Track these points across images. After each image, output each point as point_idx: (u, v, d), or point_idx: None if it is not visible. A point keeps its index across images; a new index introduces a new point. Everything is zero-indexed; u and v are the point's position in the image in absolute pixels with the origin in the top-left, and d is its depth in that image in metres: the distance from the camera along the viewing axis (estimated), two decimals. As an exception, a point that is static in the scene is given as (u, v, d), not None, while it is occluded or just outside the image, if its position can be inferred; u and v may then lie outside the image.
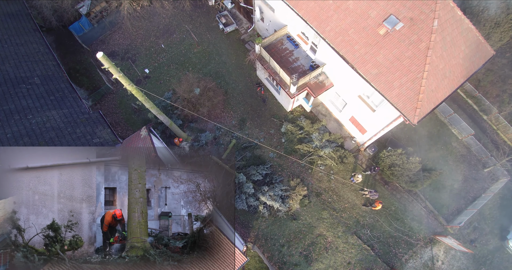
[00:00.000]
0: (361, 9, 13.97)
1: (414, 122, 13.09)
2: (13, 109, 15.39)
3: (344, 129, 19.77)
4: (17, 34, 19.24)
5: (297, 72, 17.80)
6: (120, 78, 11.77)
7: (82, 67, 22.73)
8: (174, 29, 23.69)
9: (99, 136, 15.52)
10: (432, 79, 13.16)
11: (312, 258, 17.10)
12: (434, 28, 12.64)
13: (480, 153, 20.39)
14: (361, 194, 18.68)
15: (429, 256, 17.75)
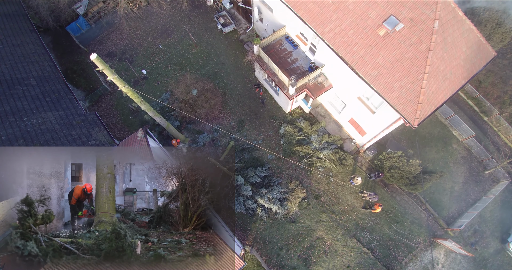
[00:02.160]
0: (360, 9, 13.77)
1: (414, 125, 12.89)
2: (8, 111, 15.18)
3: (343, 130, 19.58)
4: (13, 34, 19.04)
5: (296, 73, 17.60)
6: (115, 80, 11.57)
7: (79, 67, 22.54)
8: (172, 30, 23.48)
9: (95, 138, 15.29)
10: (432, 81, 12.96)
11: (311, 261, 16.92)
12: (435, 29, 12.44)
13: (481, 155, 20.19)
14: (360, 197, 18.49)
15: (429, 259, 17.57)
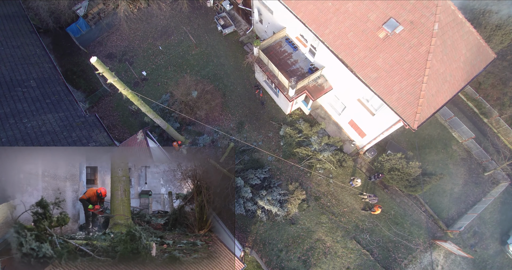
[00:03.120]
0: (360, 12, 13.77)
1: (414, 127, 12.90)
2: (8, 113, 15.20)
3: (343, 132, 19.58)
4: (13, 36, 19.04)
5: (296, 75, 17.61)
6: (115, 82, 11.58)
7: (79, 69, 22.55)
8: (172, 31, 23.49)
9: (95, 140, 15.32)
10: (432, 83, 12.97)
11: (310, 263, 16.93)
12: (435, 32, 12.44)
13: (481, 157, 20.20)
14: (360, 198, 18.50)
15: (428, 261, 17.57)
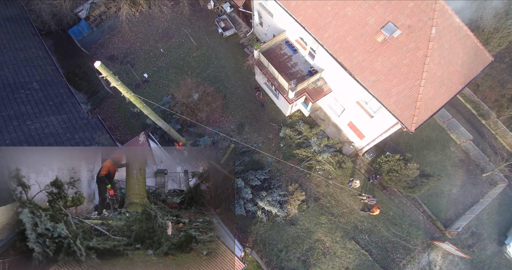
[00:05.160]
0: (359, 16, 13.98)
1: (411, 130, 13.10)
2: (12, 115, 15.41)
3: (342, 134, 19.79)
4: (16, 38, 19.24)
5: (296, 77, 17.81)
6: (118, 86, 11.79)
7: (81, 70, 22.76)
8: (173, 33, 23.70)
9: (98, 141, 15.54)
10: (429, 87, 13.18)
11: (310, 263, 17.14)
12: (432, 36, 12.64)
13: (479, 158, 20.40)
14: (359, 199, 18.70)
15: (426, 261, 17.78)
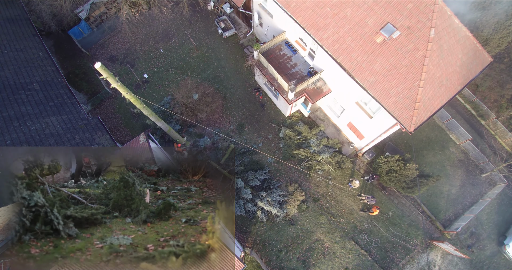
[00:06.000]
0: (358, 17, 14.03)
1: (410, 130, 13.15)
2: (13, 116, 15.47)
3: (342, 134, 19.84)
4: (16, 39, 19.30)
5: (295, 78, 17.86)
6: (118, 87, 11.84)
7: (82, 71, 22.81)
8: (173, 34, 23.75)
9: (98, 142, 15.59)
10: (428, 88, 13.22)
11: (309, 263, 17.19)
12: (431, 37, 12.69)
13: (478, 159, 20.45)
14: (358, 200, 18.75)
15: (426, 262, 17.83)
